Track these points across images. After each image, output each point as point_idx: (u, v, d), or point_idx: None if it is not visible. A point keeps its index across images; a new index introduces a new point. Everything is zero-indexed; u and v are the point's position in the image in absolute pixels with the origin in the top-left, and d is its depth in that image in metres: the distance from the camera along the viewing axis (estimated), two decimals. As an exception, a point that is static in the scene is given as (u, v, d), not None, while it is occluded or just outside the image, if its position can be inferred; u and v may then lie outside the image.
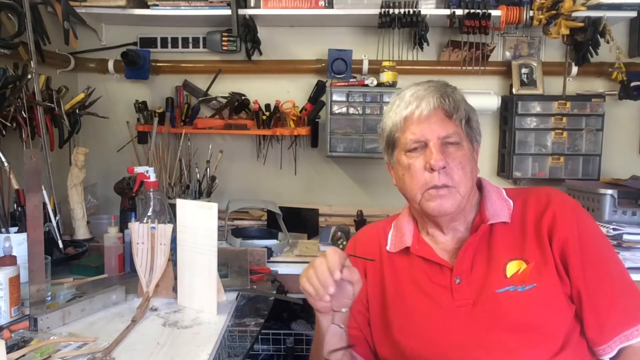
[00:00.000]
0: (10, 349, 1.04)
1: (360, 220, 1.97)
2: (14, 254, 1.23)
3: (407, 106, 1.04)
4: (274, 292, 1.51)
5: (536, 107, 2.20)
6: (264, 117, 2.18)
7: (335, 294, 0.95)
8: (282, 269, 1.69)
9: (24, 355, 1.02)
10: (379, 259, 1.14)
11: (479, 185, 1.13)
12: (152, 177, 1.49)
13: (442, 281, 1.05)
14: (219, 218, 1.28)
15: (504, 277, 1.00)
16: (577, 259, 0.99)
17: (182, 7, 2.08)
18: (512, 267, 1.01)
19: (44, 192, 1.52)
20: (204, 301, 1.27)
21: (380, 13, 2.06)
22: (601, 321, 0.97)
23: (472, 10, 2.04)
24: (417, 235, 1.13)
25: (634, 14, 2.05)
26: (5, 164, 1.47)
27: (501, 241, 1.04)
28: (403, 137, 1.05)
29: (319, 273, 0.94)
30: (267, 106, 2.22)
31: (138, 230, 1.35)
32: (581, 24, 2.01)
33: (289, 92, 2.32)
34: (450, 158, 1.01)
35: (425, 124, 1.02)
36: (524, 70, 2.24)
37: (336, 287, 0.94)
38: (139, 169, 1.55)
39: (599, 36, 2.05)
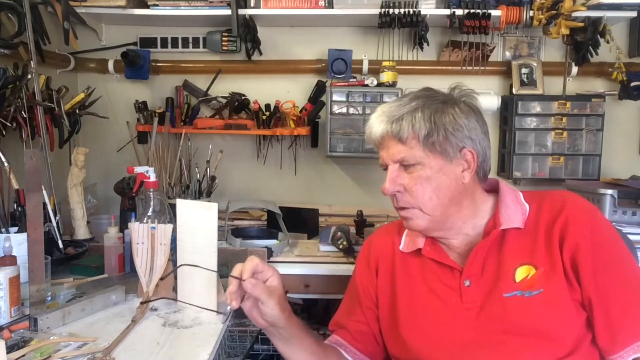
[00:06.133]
0: (10, 349, 1.04)
1: (360, 220, 1.97)
2: (14, 254, 1.22)
3: (368, 129, 1.10)
4: (274, 292, 1.51)
5: (536, 107, 2.20)
6: (264, 117, 2.18)
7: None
8: (282, 269, 1.66)
9: (24, 355, 1.02)
10: (392, 257, 1.16)
11: (496, 188, 1.12)
12: (152, 177, 1.49)
13: (452, 283, 1.06)
14: (219, 218, 1.27)
15: (512, 282, 1.00)
16: (588, 265, 0.97)
17: (182, 7, 2.08)
18: (522, 272, 1.01)
19: (44, 192, 1.52)
20: (204, 301, 1.27)
21: (380, 13, 2.06)
22: (613, 330, 0.95)
23: (472, 10, 2.04)
24: (430, 237, 1.13)
25: (634, 14, 2.05)
26: (5, 164, 1.47)
27: (512, 246, 1.04)
28: None
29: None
30: (267, 106, 2.22)
31: (138, 230, 1.34)
32: (581, 24, 2.01)
33: (289, 92, 2.32)
34: (406, 180, 1.04)
35: (383, 149, 1.07)
36: (524, 70, 2.24)
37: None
38: (139, 169, 1.55)
39: (599, 36, 2.04)
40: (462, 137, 1.04)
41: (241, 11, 2.06)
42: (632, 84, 2.14)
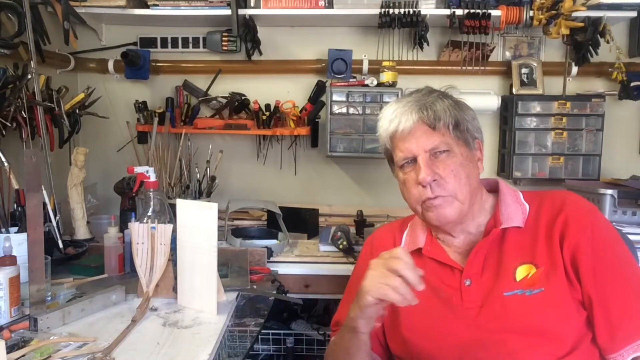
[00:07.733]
0: (10, 349, 1.04)
1: (360, 220, 1.97)
2: (14, 254, 1.22)
3: (390, 124, 1.07)
4: (274, 292, 1.51)
5: (536, 107, 2.20)
6: (264, 117, 2.18)
7: None
8: (282, 269, 1.69)
9: (24, 355, 1.02)
10: None
11: (496, 188, 1.13)
12: (152, 177, 1.49)
13: (453, 282, 1.06)
14: (219, 218, 1.27)
15: (513, 281, 1.01)
16: (588, 264, 0.97)
17: (182, 7, 2.08)
18: (522, 271, 1.01)
19: (44, 192, 1.52)
20: (204, 301, 1.27)
21: (380, 13, 2.06)
22: (613, 329, 0.96)
23: (472, 10, 2.04)
24: (430, 236, 1.14)
25: (634, 14, 2.05)
26: (5, 164, 1.47)
27: (513, 245, 1.04)
28: (395, 154, 1.09)
29: (407, 275, 0.90)
30: (267, 106, 2.22)
31: (138, 230, 1.35)
32: (581, 24, 2.01)
33: (289, 92, 2.32)
34: (440, 168, 1.03)
35: (411, 140, 1.05)
36: (524, 70, 2.24)
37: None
38: (139, 169, 1.55)
39: (599, 36, 2.04)
40: (476, 129, 1.09)
41: (241, 11, 2.06)
42: (632, 84, 2.14)
